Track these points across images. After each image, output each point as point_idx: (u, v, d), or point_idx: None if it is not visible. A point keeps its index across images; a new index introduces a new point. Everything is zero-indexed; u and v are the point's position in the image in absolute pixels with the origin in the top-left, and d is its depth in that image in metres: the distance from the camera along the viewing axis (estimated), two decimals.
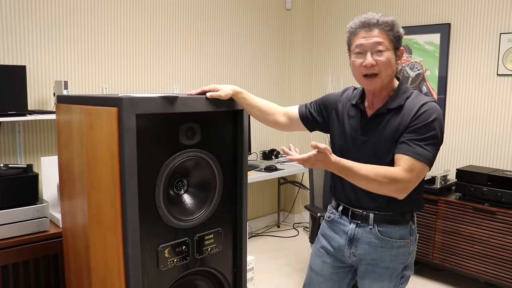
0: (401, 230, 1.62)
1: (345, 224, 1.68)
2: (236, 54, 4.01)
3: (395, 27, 1.54)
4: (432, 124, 1.50)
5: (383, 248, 1.61)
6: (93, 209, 1.59)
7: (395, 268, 1.63)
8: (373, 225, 1.61)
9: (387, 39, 1.52)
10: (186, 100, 1.61)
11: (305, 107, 1.81)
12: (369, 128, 1.61)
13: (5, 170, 2.26)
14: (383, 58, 1.51)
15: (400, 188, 1.48)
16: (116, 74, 3.20)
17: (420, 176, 1.51)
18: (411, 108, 1.54)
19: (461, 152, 3.52)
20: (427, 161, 1.50)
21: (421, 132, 1.50)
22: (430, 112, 1.51)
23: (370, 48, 1.51)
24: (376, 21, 1.52)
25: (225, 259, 1.88)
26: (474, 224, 2.99)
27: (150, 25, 3.36)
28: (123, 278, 1.52)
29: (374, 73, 1.53)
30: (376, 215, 1.61)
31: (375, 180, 1.47)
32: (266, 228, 4.47)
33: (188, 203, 1.73)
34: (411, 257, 1.66)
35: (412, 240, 1.65)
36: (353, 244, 1.66)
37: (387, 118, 1.57)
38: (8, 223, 2.16)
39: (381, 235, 1.61)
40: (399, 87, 1.61)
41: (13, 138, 2.71)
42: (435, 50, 3.56)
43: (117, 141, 1.45)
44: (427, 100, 1.55)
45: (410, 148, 1.49)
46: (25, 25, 2.72)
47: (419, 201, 1.65)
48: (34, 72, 2.77)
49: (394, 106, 1.56)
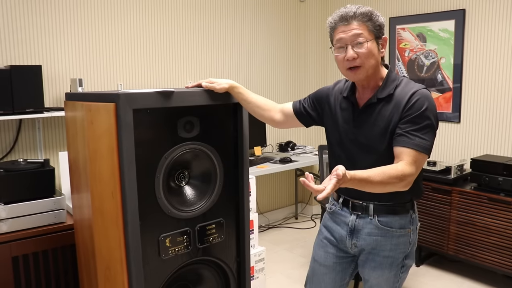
0: (401, 219, 1.62)
1: (346, 215, 1.70)
2: (251, 47, 4.04)
3: (374, 16, 1.53)
4: (425, 112, 1.50)
5: (384, 238, 1.63)
6: (96, 201, 1.67)
7: (395, 257, 1.64)
8: (373, 216, 1.63)
9: (366, 30, 1.52)
10: (182, 94, 1.66)
11: (299, 103, 1.83)
12: (361, 119, 1.62)
13: (24, 165, 2.38)
14: (363, 49, 1.51)
15: (408, 182, 1.48)
16: (131, 71, 3.29)
17: (421, 166, 1.53)
18: (402, 97, 1.54)
19: (477, 141, 3.46)
20: (427, 151, 1.51)
21: (417, 122, 1.50)
22: (422, 100, 1.51)
23: (350, 41, 1.52)
24: (353, 13, 1.52)
25: (228, 249, 1.93)
26: (490, 214, 2.94)
27: (165, 21, 3.43)
28: (125, 266, 1.60)
29: (357, 66, 1.53)
30: (376, 206, 1.62)
31: (389, 183, 1.45)
32: (284, 219, 4.51)
33: (189, 194, 1.79)
34: (412, 246, 1.67)
35: (412, 229, 1.66)
36: (354, 235, 1.68)
37: (378, 108, 1.58)
38: (27, 215, 2.27)
39: (381, 225, 1.62)
40: (388, 75, 1.60)
41: (34, 135, 2.84)
42: (449, 38, 3.49)
43: (116, 136, 1.52)
44: (417, 88, 1.55)
45: (409, 140, 1.49)
46: (40, 26, 2.84)
47: (418, 189, 1.65)
48: (50, 71, 2.89)
49: (384, 96, 1.57)
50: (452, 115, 3.56)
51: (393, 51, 3.91)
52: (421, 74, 3.73)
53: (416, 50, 3.74)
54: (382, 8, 3.92)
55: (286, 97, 4.39)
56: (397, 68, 3.89)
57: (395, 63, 3.91)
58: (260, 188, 4.32)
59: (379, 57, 1.57)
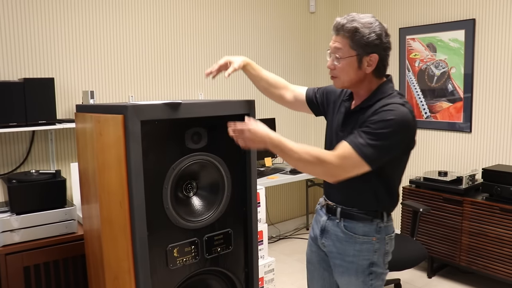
0: (364, 226, 1.63)
1: (322, 215, 1.77)
2: (261, 58, 4.07)
3: (358, 34, 1.49)
4: (387, 122, 1.44)
5: (347, 242, 1.65)
6: (105, 211, 1.69)
7: (359, 264, 1.64)
8: (340, 219, 1.66)
9: (347, 46, 1.52)
10: (190, 106, 1.68)
11: (313, 91, 1.87)
12: (345, 124, 1.65)
13: (36, 175, 2.42)
14: (339, 64, 1.55)
15: (328, 171, 1.50)
16: (142, 83, 3.34)
17: (354, 168, 1.48)
18: (377, 106, 1.52)
19: (489, 151, 3.42)
20: (365, 157, 1.45)
21: (372, 127, 1.46)
22: (392, 112, 1.46)
23: (333, 52, 1.56)
24: (340, 26, 1.53)
25: (236, 260, 1.93)
26: (502, 225, 2.90)
27: (176, 33, 3.48)
28: (133, 276, 1.61)
29: (334, 76, 1.59)
30: (342, 210, 1.66)
31: (304, 159, 1.49)
32: (295, 230, 4.50)
33: (197, 205, 1.80)
34: (379, 255, 1.64)
35: (379, 238, 1.63)
36: (324, 235, 1.73)
37: (357, 116, 1.59)
38: (38, 225, 2.31)
39: (345, 230, 1.65)
40: (379, 87, 1.59)
41: (46, 146, 2.89)
42: (460, 47, 3.48)
43: (124, 147, 1.54)
44: (398, 102, 1.50)
45: (352, 137, 1.49)
46: (53, 40, 2.90)
47: (386, 202, 1.63)
48: (63, 83, 2.95)
49: (365, 105, 1.58)
50: (464, 125, 3.53)
51: (403, 61, 3.90)
52: (432, 84, 3.71)
53: (426, 60, 3.73)
54: (392, 19, 3.93)
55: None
56: (407, 78, 3.88)
57: (405, 73, 3.90)
58: (270, 199, 4.32)
59: (361, 73, 1.55)
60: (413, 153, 1.61)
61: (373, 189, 1.59)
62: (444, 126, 3.65)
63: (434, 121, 3.73)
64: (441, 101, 3.66)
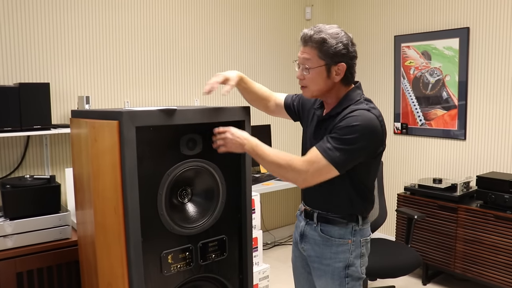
0: (340, 230, 1.67)
1: (301, 220, 1.82)
2: (257, 65, 4.09)
3: (326, 45, 1.55)
4: (353, 128, 1.50)
5: (324, 246, 1.69)
6: (99, 217, 1.69)
7: (335, 266, 1.67)
8: (317, 223, 1.71)
9: (315, 56, 1.57)
10: (185, 112, 1.68)
11: (291, 98, 1.92)
12: (317, 132, 1.70)
13: (30, 181, 2.41)
14: (308, 74, 1.60)
15: (297, 177, 1.55)
16: (138, 88, 3.34)
17: (321, 173, 1.53)
18: (345, 113, 1.58)
19: (483, 158, 3.44)
20: (332, 161, 1.51)
21: (339, 133, 1.53)
22: (357, 118, 1.52)
23: (302, 63, 1.61)
24: (308, 37, 1.58)
25: (230, 266, 1.93)
26: (497, 232, 2.91)
27: (171, 40, 3.49)
28: (126, 282, 1.60)
29: (303, 86, 1.64)
30: (318, 214, 1.70)
31: (275, 162, 1.56)
32: (289, 237, 4.49)
33: (192, 211, 1.80)
34: (354, 257, 1.68)
35: (354, 241, 1.68)
36: (303, 239, 1.78)
37: (328, 124, 1.64)
38: (32, 231, 2.30)
39: (322, 233, 1.69)
40: (347, 95, 1.65)
41: (41, 151, 2.88)
42: (454, 55, 3.51)
43: (119, 153, 1.54)
44: (363, 108, 1.57)
45: (321, 142, 1.55)
46: (49, 44, 2.90)
47: (360, 206, 1.67)
48: (58, 88, 2.94)
49: (333, 113, 1.63)
50: (458, 132, 3.55)
51: (398, 69, 3.93)
52: (426, 91, 3.74)
53: (421, 67, 3.76)
54: (388, 26, 3.96)
55: None
56: (402, 86, 3.91)
57: (400, 81, 3.92)
58: (265, 205, 4.31)
59: (330, 82, 1.61)
60: (407, 160, 1.64)
61: (347, 193, 1.64)
62: (439, 134, 3.67)
63: (428, 128, 3.74)
64: (435, 108, 3.68)
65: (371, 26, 4.08)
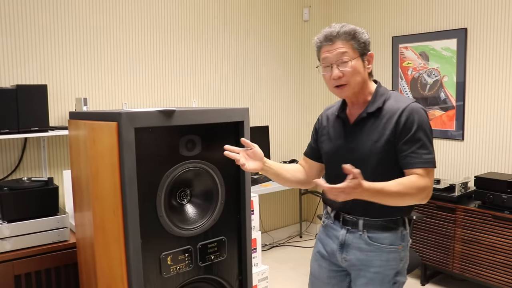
0: (391, 236, 1.62)
1: (337, 229, 1.71)
2: (254, 67, 4.09)
3: (357, 34, 1.58)
4: (419, 128, 1.54)
5: (373, 253, 1.63)
6: (98, 219, 1.68)
7: (385, 274, 1.63)
8: (363, 231, 1.63)
9: (350, 48, 1.56)
10: (184, 113, 1.68)
11: (310, 148, 1.87)
12: (353, 134, 1.64)
13: (28, 183, 2.40)
14: (348, 68, 1.56)
15: (427, 194, 1.53)
16: (136, 90, 3.33)
17: (433, 178, 1.58)
18: (393, 112, 1.57)
19: (481, 159, 3.45)
20: (434, 164, 1.55)
21: (416, 140, 1.53)
22: (412, 117, 1.54)
23: (335, 60, 1.56)
24: (336, 33, 1.57)
25: (229, 267, 1.92)
26: (495, 232, 2.92)
27: (170, 41, 3.49)
28: (126, 284, 1.59)
29: (343, 84, 1.58)
30: (365, 221, 1.63)
31: (408, 194, 1.48)
32: (288, 238, 4.49)
33: (191, 213, 1.79)
34: (403, 263, 1.66)
35: (403, 246, 1.65)
36: (344, 249, 1.68)
37: (370, 122, 1.60)
38: (30, 233, 2.28)
39: (370, 241, 1.63)
40: (377, 90, 1.64)
41: (39, 153, 2.87)
42: (452, 56, 3.52)
43: (117, 154, 1.53)
44: (407, 104, 1.57)
45: (416, 160, 1.52)
46: (46, 46, 2.89)
47: (406, 208, 1.65)
48: (56, 90, 2.94)
49: (373, 110, 1.60)
50: (456, 133, 3.55)
51: (396, 70, 3.93)
52: (424, 92, 3.74)
53: (419, 68, 3.76)
54: (385, 27, 3.96)
55: (290, 115, 4.41)
56: (400, 87, 3.91)
57: (398, 82, 3.93)
58: (264, 207, 4.31)
59: (366, 73, 1.62)
60: None
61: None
62: (437, 134, 3.67)
63: None
64: (433, 109, 3.69)
65: (369, 27, 4.08)
